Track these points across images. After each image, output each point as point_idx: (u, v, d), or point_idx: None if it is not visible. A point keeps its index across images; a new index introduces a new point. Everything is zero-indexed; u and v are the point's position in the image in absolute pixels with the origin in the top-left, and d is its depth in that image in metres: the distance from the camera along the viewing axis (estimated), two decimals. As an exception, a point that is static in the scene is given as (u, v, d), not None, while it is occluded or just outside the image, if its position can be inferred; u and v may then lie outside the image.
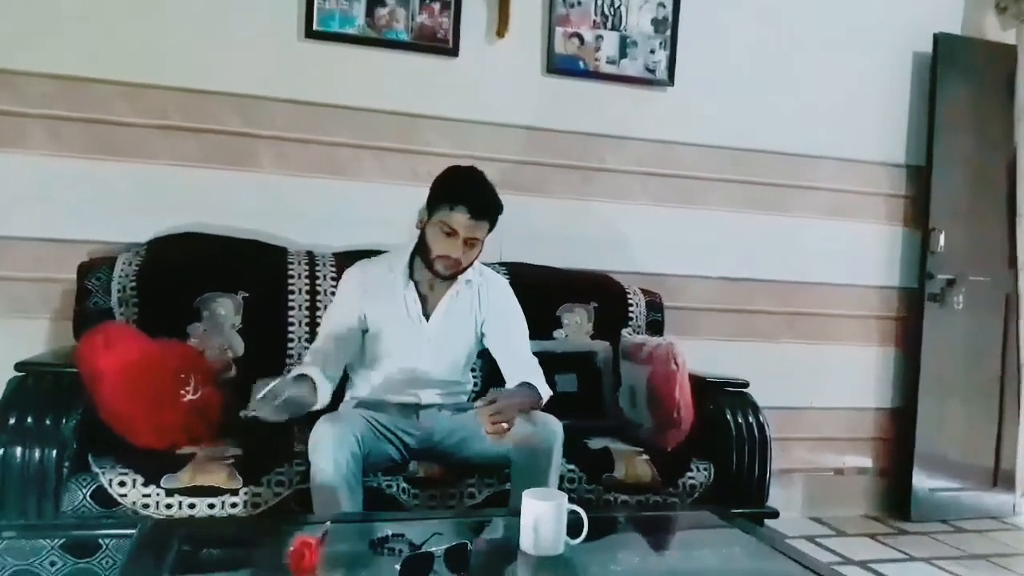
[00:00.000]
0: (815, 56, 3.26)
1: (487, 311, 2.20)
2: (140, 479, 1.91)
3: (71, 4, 2.56)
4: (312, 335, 2.47)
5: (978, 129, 3.42)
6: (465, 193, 2.02)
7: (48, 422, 1.86)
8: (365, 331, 2.15)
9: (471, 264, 2.12)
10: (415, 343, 2.14)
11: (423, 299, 2.15)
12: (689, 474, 2.31)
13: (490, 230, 2.08)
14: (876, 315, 3.45)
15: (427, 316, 2.15)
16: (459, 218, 2.00)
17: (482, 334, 2.21)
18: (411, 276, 2.14)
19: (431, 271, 2.09)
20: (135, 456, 1.96)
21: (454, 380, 2.24)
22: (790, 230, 3.29)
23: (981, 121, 3.43)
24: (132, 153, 2.62)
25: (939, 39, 3.33)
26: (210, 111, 2.68)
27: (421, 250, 2.09)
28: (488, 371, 2.43)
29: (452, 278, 2.11)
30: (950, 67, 3.33)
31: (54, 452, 1.84)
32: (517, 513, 1.52)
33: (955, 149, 3.37)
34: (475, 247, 2.07)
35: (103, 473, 1.91)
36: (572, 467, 2.21)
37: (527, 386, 2.08)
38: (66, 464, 1.88)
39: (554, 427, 2.00)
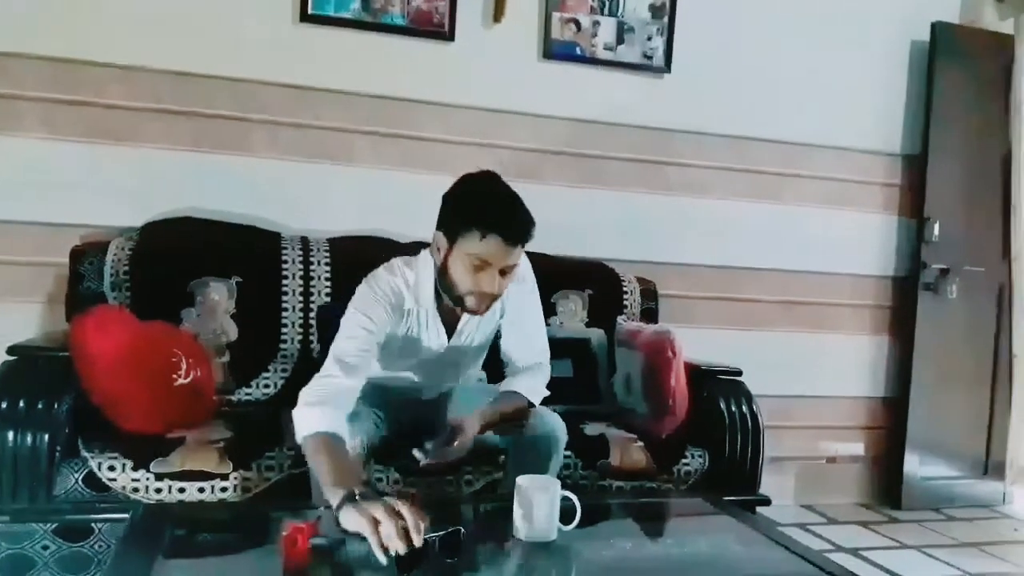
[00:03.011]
0: (812, 44, 3.25)
1: (508, 314, 1.97)
2: (129, 463, 1.91)
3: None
4: (306, 321, 2.47)
5: (974, 119, 3.42)
6: (497, 218, 1.69)
7: (40, 406, 1.86)
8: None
9: (505, 290, 1.81)
10: (430, 357, 1.97)
11: (447, 323, 1.92)
12: (684, 461, 2.31)
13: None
14: (870, 304, 3.45)
15: (449, 335, 1.95)
16: (493, 249, 1.69)
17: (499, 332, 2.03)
18: (437, 306, 1.89)
19: (460, 307, 1.82)
20: (125, 440, 1.95)
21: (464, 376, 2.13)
22: (785, 218, 3.29)
23: (977, 111, 3.42)
24: (126, 137, 2.60)
25: (937, 28, 3.32)
26: (204, 95, 2.66)
27: (444, 282, 1.79)
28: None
29: (485, 311, 1.84)
30: (947, 56, 3.32)
31: (46, 436, 1.84)
32: (511, 500, 1.52)
33: (951, 139, 3.36)
34: (509, 273, 1.77)
35: (92, 457, 1.91)
36: (568, 453, 2.20)
37: (510, 395, 1.92)
38: (58, 448, 1.87)
39: (556, 434, 1.91)
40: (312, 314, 2.47)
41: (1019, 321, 3.42)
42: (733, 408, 2.40)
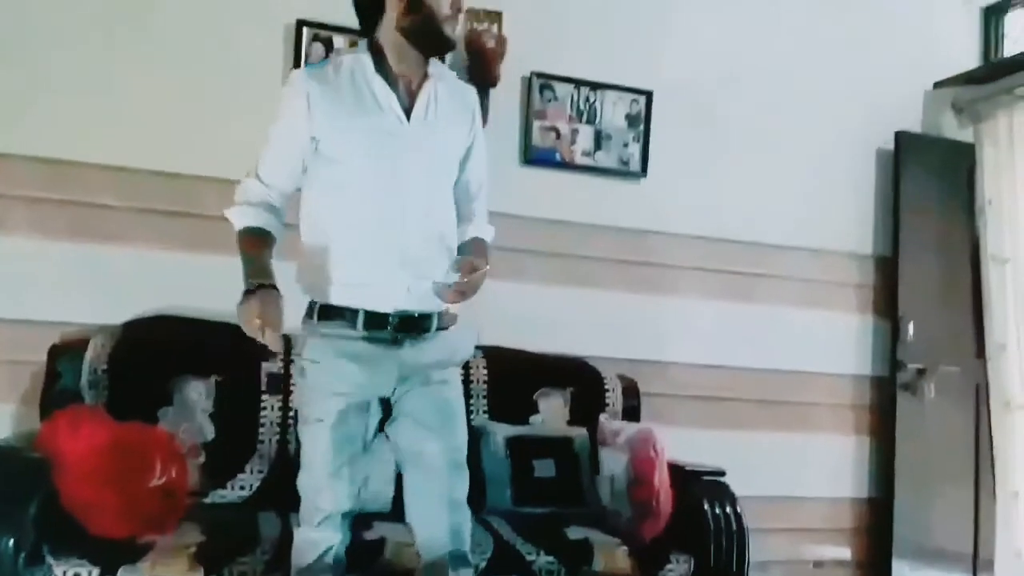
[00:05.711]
0: (783, 151, 3.37)
1: (475, 126, 1.89)
2: (96, 571, 1.84)
3: (51, 86, 2.59)
4: (284, 421, 2.44)
5: (941, 221, 3.53)
6: None
7: (6, 509, 1.80)
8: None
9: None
10: (392, 154, 1.70)
11: (396, 90, 1.72)
12: (669, 566, 2.27)
13: None
14: (849, 404, 3.46)
15: (407, 113, 1.72)
16: None
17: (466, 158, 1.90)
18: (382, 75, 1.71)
19: (440, 42, 1.71)
20: (92, 545, 1.89)
21: (437, 231, 1.86)
22: (762, 318, 3.33)
23: (944, 214, 3.54)
24: (111, 236, 2.62)
25: (900, 137, 3.47)
26: (190, 195, 2.69)
27: (414, 24, 1.67)
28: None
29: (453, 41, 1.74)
30: (912, 163, 3.46)
31: (11, 541, 1.78)
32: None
33: (920, 240, 3.46)
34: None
35: (56, 565, 1.84)
36: (551, 559, 2.17)
37: (477, 243, 1.98)
38: (22, 554, 1.80)
39: (460, 548, 1.69)
40: (291, 414, 2.44)
41: (998, 421, 3.43)
42: (717, 511, 2.36)
